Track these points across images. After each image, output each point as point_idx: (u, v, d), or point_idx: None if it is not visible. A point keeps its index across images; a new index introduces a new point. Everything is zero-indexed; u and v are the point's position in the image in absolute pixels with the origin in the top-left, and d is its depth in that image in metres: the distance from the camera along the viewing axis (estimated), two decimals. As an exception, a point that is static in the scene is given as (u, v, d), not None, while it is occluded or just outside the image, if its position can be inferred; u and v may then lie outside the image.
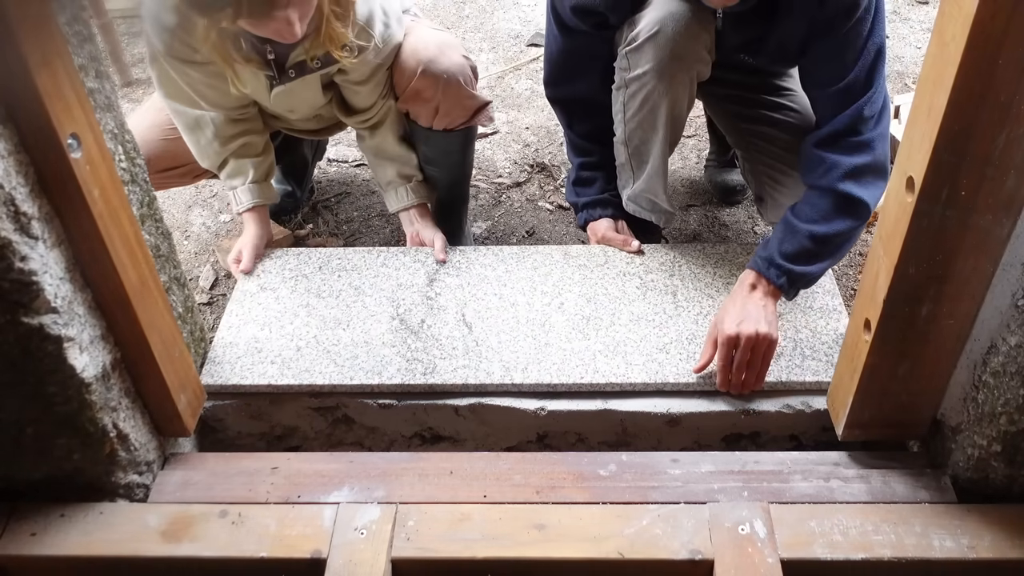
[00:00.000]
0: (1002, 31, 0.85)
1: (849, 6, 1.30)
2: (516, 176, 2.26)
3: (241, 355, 1.44)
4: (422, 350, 1.44)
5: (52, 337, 1.01)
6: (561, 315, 1.51)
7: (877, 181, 1.37)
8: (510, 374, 1.39)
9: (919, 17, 3.05)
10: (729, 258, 1.63)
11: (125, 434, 1.17)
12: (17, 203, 0.93)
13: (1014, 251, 1.01)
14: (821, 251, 1.38)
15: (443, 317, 1.51)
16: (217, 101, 1.62)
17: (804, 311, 1.50)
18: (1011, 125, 0.91)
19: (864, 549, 1.13)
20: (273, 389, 1.40)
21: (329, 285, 1.60)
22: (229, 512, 1.20)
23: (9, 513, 1.20)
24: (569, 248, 1.67)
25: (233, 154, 1.71)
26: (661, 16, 1.38)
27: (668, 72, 1.41)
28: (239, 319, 1.52)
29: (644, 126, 1.51)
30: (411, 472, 1.26)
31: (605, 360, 1.41)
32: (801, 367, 1.39)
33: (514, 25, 3.09)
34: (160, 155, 1.73)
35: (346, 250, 1.70)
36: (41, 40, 0.91)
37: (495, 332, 1.48)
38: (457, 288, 1.58)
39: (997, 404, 1.07)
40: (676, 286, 1.57)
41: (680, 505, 1.19)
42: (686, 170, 2.25)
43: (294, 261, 1.67)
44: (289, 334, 1.48)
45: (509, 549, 1.15)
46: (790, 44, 1.39)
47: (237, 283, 1.63)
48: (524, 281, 1.59)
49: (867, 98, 1.35)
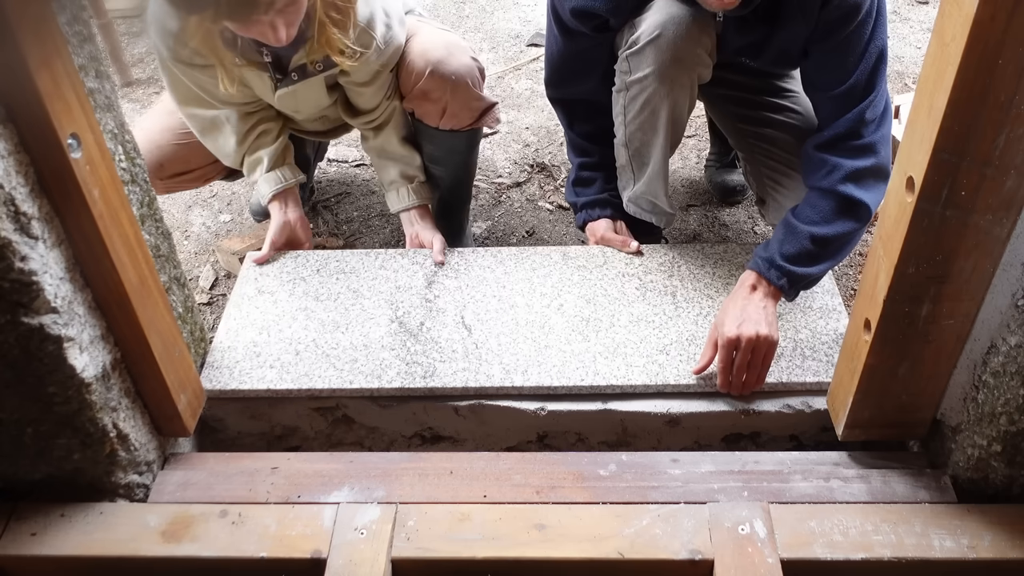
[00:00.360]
0: (1002, 31, 0.85)
1: (851, 10, 1.30)
2: (516, 176, 2.26)
3: (240, 359, 1.44)
4: (421, 353, 1.44)
5: (52, 337, 1.01)
6: (561, 317, 1.51)
7: (879, 184, 1.37)
8: (510, 377, 1.39)
9: (919, 17, 3.05)
10: (728, 258, 1.63)
11: (125, 434, 1.17)
12: (17, 203, 0.93)
13: (1014, 251, 1.01)
14: (822, 253, 1.37)
15: (442, 319, 1.51)
16: (229, 98, 1.62)
17: (804, 311, 1.50)
18: (1011, 125, 0.91)
19: (864, 549, 1.13)
20: (272, 394, 1.40)
21: (327, 288, 1.59)
22: (229, 512, 1.20)
23: (9, 513, 1.20)
24: (568, 249, 1.67)
25: (249, 149, 1.71)
26: (662, 20, 1.38)
27: (669, 76, 1.41)
28: (237, 323, 1.52)
29: (645, 128, 1.51)
30: (411, 472, 1.26)
31: (605, 362, 1.41)
32: (801, 367, 1.39)
33: (514, 25, 3.09)
34: (172, 159, 1.74)
35: (344, 252, 1.70)
36: (41, 40, 0.91)
37: (495, 334, 1.47)
38: (456, 290, 1.58)
39: (997, 404, 1.07)
40: (675, 287, 1.56)
41: (680, 505, 1.19)
42: (686, 170, 2.25)
43: (292, 264, 1.66)
44: (288, 338, 1.48)
45: (509, 549, 1.15)
46: (792, 48, 1.39)
47: (235, 286, 1.62)
48: (523, 282, 1.59)
49: (869, 101, 1.35)
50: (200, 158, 1.76)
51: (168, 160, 1.73)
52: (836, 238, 1.37)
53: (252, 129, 1.69)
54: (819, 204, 1.38)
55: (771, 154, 1.60)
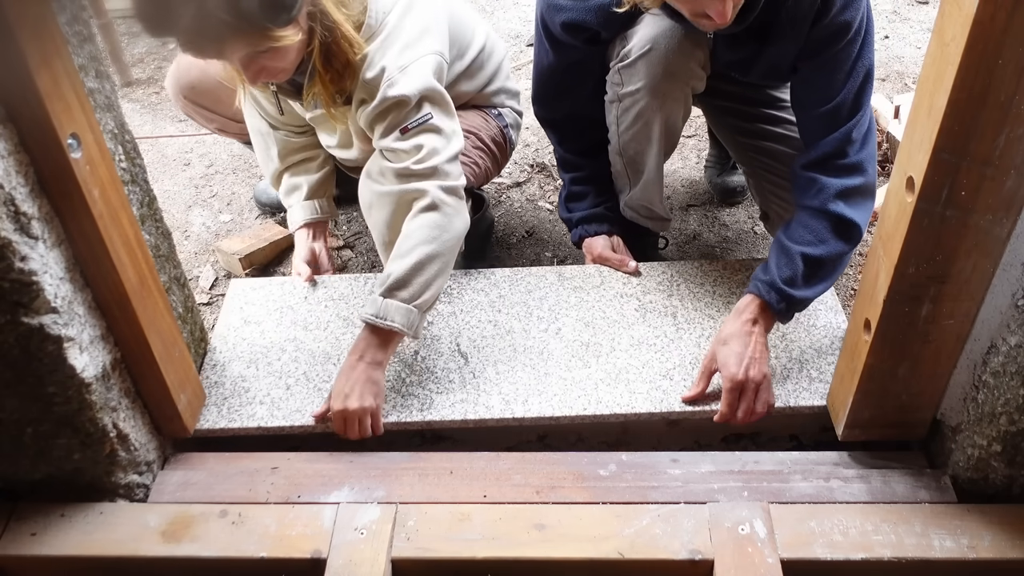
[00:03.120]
0: (1002, 31, 0.85)
1: (840, 28, 1.29)
2: (516, 176, 2.26)
3: (228, 396, 1.38)
4: (417, 384, 1.39)
5: (52, 337, 1.01)
6: (559, 342, 1.46)
7: (867, 202, 1.37)
8: (510, 407, 1.35)
9: (919, 17, 3.05)
10: (728, 276, 1.59)
11: (125, 434, 1.17)
12: (17, 203, 0.93)
13: (1014, 251, 1.01)
14: (815, 274, 1.36)
15: (437, 348, 1.46)
16: (277, 116, 1.65)
17: (808, 330, 1.47)
18: (1011, 125, 0.91)
19: (864, 549, 1.13)
20: (263, 432, 1.34)
21: (316, 316, 1.54)
22: (229, 512, 1.20)
23: (9, 513, 1.20)
24: (563, 269, 1.63)
25: (290, 170, 1.72)
26: (653, 34, 1.37)
27: (661, 90, 1.40)
28: (224, 356, 1.46)
29: (639, 139, 1.50)
30: (411, 472, 1.26)
31: (608, 389, 1.37)
32: (808, 390, 1.36)
33: (514, 25, 3.09)
34: (206, 89, 1.75)
35: (332, 278, 1.65)
36: (41, 40, 0.91)
37: (492, 362, 1.43)
38: (449, 316, 1.53)
39: (997, 404, 1.07)
40: (675, 307, 1.53)
41: (680, 505, 1.19)
42: (686, 170, 2.25)
43: (278, 292, 1.60)
44: (277, 371, 1.42)
45: (509, 549, 1.15)
46: (782, 64, 1.38)
47: (219, 316, 1.56)
48: (519, 306, 1.54)
49: (855, 121, 1.34)
50: (228, 108, 1.76)
51: (202, 87, 1.73)
52: (829, 259, 1.35)
53: (297, 151, 1.71)
54: (811, 224, 1.36)
55: (772, 168, 1.59)
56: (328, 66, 1.39)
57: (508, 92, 1.81)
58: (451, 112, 1.46)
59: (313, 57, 1.36)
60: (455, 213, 1.39)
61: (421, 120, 1.39)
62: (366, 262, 1.99)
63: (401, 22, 1.42)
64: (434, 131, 1.40)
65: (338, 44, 1.36)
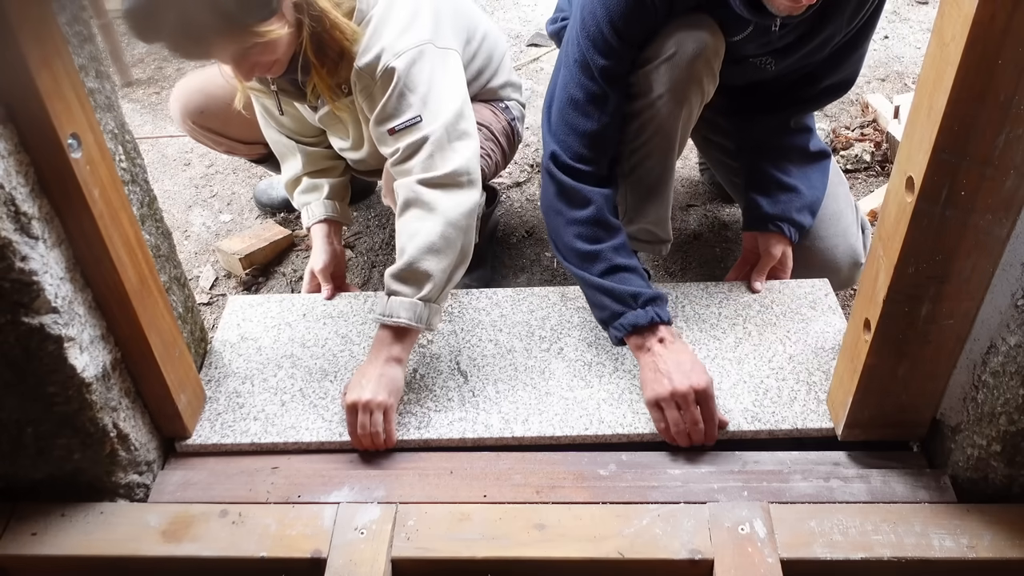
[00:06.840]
0: (1002, 31, 0.85)
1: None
2: (516, 176, 2.26)
3: (222, 411, 1.36)
4: (415, 402, 1.37)
5: (52, 337, 1.01)
6: (561, 361, 1.44)
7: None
8: (510, 427, 1.32)
9: (919, 17, 3.05)
10: (733, 297, 1.55)
11: (125, 434, 1.17)
12: (17, 203, 0.93)
13: (1014, 251, 1.01)
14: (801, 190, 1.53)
15: (436, 366, 1.44)
16: (293, 127, 1.67)
17: (816, 352, 1.43)
18: (1011, 125, 0.91)
19: (864, 549, 1.13)
20: (256, 448, 1.32)
21: (314, 333, 1.52)
22: (229, 512, 1.20)
23: (9, 513, 1.20)
24: (566, 289, 1.60)
25: (311, 174, 1.72)
26: (679, 38, 1.32)
27: (681, 94, 1.36)
28: (219, 372, 1.44)
29: (652, 151, 1.44)
30: (411, 472, 1.26)
31: (610, 409, 1.34)
32: (817, 412, 1.32)
33: (514, 25, 3.09)
34: (214, 114, 1.75)
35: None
36: (41, 40, 0.92)
37: (492, 381, 1.40)
38: (450, 334, 1.51)
39: (997, 404, 1.07)
40: (680, 328, 1.49)
41: (680, 505, 1.19)
42: (686, 170, 2.25)
43: (276, 308, 1.58)
44: (273, 387, 1.40)
45: (509, 549, 1.15)
46: (828, 43, 1.43)
47: (216, 333, 1.54)
48: (520, 325, 1.51)
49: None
50: (237, 129, 1.76)
51: (210, 112, 1.73)
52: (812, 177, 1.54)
53: (322, 159, 1.73)
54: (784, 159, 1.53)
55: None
56: (323, 57, 1.38)
57: (513, 85, 1.81)
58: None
59: (304, 48, 1.35)
60: (446, 198, 1.34)
61: (410, 121, 1.38)
62: (366, 262, 1.99)
63: (392, 4, 1.41)
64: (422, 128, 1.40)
65: (329, 33, 1.36)
